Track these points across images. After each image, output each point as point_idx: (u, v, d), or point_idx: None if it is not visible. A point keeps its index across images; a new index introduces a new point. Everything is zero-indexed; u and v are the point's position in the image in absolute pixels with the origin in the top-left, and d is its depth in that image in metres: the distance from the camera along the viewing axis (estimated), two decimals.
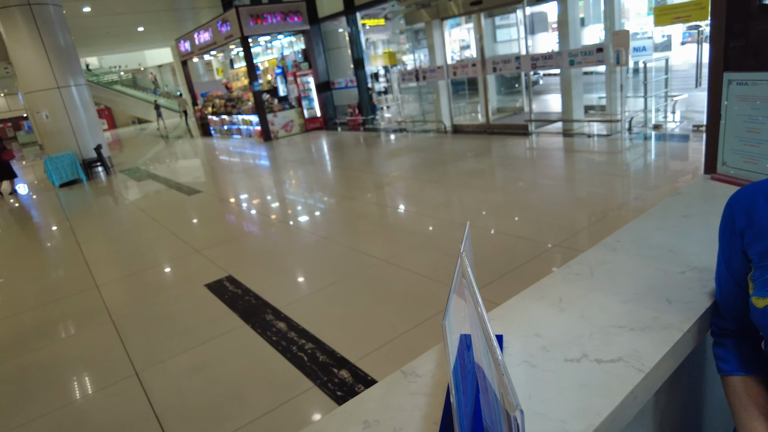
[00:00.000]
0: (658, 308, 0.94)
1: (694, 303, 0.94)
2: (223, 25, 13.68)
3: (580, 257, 1.19)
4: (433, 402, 0.78)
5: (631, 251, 1.19)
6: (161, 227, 6.40)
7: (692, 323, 0.88)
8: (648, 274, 1.07)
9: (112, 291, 4.48)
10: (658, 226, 1.31)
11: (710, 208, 1.43)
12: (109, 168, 12.02)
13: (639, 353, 0.82)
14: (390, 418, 0.75)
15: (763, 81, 1.39)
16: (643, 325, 0.89)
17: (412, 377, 0.85)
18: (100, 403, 2.81)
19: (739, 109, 1.49)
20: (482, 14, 9.37)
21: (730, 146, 1.56)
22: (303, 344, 3.09)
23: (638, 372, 0.78)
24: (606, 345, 0.85)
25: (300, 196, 7.24)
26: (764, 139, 1.43)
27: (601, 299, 1.00)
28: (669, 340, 0.84)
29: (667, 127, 7.47)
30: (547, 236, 4.16)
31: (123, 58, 30.71)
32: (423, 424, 0.73)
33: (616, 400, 0.73)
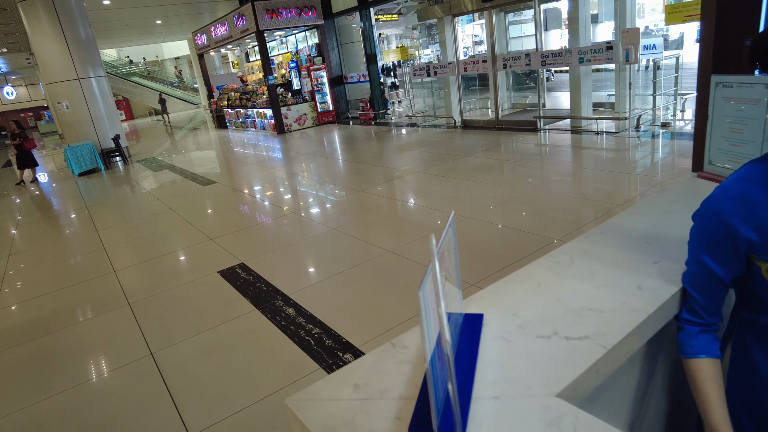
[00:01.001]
0: (628, 293, 1.03)
1: (662, 290, 1.03)
2: (239, 19, 13.82)
3: (563, 247, 1.28)
4: (416, 369, 0.88)
5: (611, 242, 1.28)
6: (177, 216, 6.57)
7: (657, 307, 0.97)
8: (623, 263, 1.15)
9: (128, 276, 4.65)
10: (640, 220, 1.39)
11: (693, 204, 1.50)
12: (127, 158, 12.28)
13: (604, 332, 0.91)
14: (378, 382, 0.86)
15: (747, 84, 1.46)
16: (612, 308, 0.98)
17: (401, 348, 0.95)
18: (116, 381, 2.96)
19: (725, 110, 1.55)
20: (494, 11, 9.38)
21: (716, 146, 1.63)
22: (310, 329, 3.21)
23: (602, 348, 0.87)
24: (576, 324, 0.94)
25: (311, 188, 7.36)
26: (748, 140, 1.50)
27: (578, 284, 1.09)
28: (633, 322, 0.93)
29: (675, 125, 7.45)
30: (552, 231, 4.23)
31: (141, 50, 31.11)
32: (407, 387, 0.83)
33: (578, 371, 0.82)
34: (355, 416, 0.78)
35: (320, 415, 0.79)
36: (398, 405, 0.79)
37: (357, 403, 0.81)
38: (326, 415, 0.79)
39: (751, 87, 1.46)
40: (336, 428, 0.76)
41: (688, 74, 8.22)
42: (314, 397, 0.84)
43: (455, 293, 0.96)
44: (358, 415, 0.78)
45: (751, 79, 1.46)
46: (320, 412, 0.80)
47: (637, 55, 6.72)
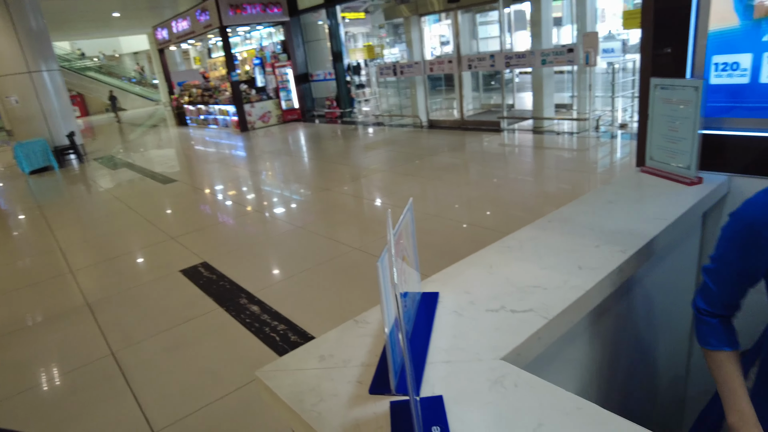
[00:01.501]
0: (570, 273, 1.13)
1: (600, 269, 1.13)
2: (202, 14, 13.58)
3: (513, 234, 1.38)
4: (377, 341, 0.95)
5: (557, 230, 1.38)
6: (136, 215, 6.43)
7: (595, 284, 1.08)
8: (567, 248, 1.26)
9: (87, 276, 4.54)
10: (585, 210, 1.51)
11: (634, 195, 1.63)
12: (83, 155, 11.87)
13: (546, 306, 1.01)
14: (341, 353, 0.92)
15: (679, 86, 1.60)
16: (555, 286, 1.08)
17: (363, 324, 1.02)
18: (77, 381, 2.91)
19: (663, 110, 1.70)
20: (460, 12, 9.57)
21: (655, 143, 1.77)
22: (275, 325, 3.24)
23: (543, 319, 0.96)
24: (521, 300, 1.04)
25: (276, 186, 7.34)
26: (682, 137, 1.64)
27: (525, 266, 1.19)
28: (573, 297, 1.03)
29: (632, 126, 7.80)
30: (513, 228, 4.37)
31: (98, 43, 30.00)
32: (368, 356, 0.90)
33: (522, 338, 0.91)
34: (321, 382, 0.84)
35: (288, 383, 0.85)
36: (360, 371, 0.86)
37: (322, 371, 0.87)
38: (294, 383, 0.85)
39: (682, 89, 1.60)
40: (303, 393, 0.82)
41: None
42: (282, 368, 0.90)
43: (413, 274, 1.04)
44: (323, 382, 0.84)
45: (683, 82, 1.61)
46: (288, 381, 0.86)
47: (597, 58, 7.01)
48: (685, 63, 1.64)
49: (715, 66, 1.60)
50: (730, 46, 1.55)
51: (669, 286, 1.61)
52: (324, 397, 0.80)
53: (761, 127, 1.55)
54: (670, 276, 1.59)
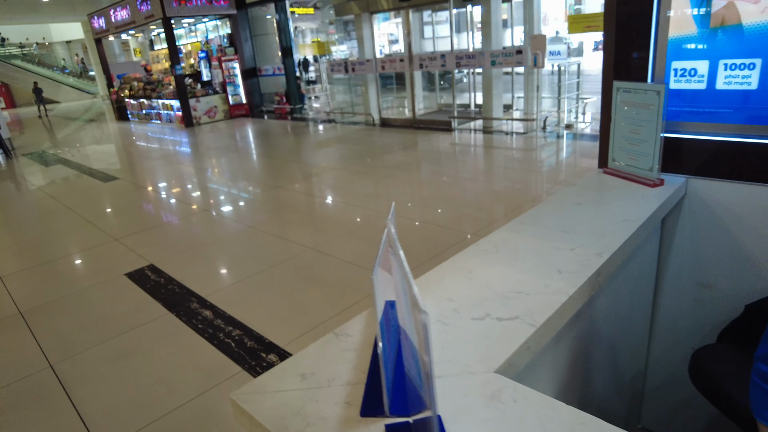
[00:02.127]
0: (550, 277, 1.12)
1: (579, 273, 1.13)
2: (143, 4, 12.92)
3: (487, 237, 1.36)
4: (362, 356, 0.89)
5: (530, 232, 1.38)
6: (74, 215, 6.02)
7: (576, 289, 1.07)
8: (543, 251, 1.25)
9: (18, 282, 4.20)
10: (554, 212, 1.51)
11: (599, 197, 1.66)
12: (10, 151, 11.02)
13: (532, 312, 0.99)
14: (324, 370, 0.86)
15: (641, 90, 1.64)
16: (536, 291, 1.07)
17: (344, 337, 0.96)
18: (11, 397, 2.67)
19: (625, 113, 1.73)
20: (411, 10, 9.60)
21: (618, 145, 1.81)
22: (230, 331, 3.11)
23: (531, 327, 0.94)
24: (505, 306, 1.01)
25: (224, 184, 7.09)
26: (643, 139, 1.68)
27: (504, 270, 1.17)
28: (557, 302, 1.02)
29: (577, 127, 8.11)
30: (466, 226, 4.43)
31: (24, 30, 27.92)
32: (354, 374, 0.85)
33: (512, 348, 0.89)
34: (305, 404, 0.78)
35: (269, 407, 0.78)
36: (347, 390, 0.80)
37: (305, 392, 0.81)
38: (275, 406, 0.78)
39: (645, 93, 1.64)
40: (286, 417, 0.75)
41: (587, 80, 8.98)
42: (260, 390, 0.83)
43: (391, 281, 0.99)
44: (308, 403, 0.78)
45: (645, 86, 1.64)
46: (268, 404, 0.79)
47: (544, 60, 7.21)
48: (646, 67, 1.68)
49: (674, 71, 1.64)
50: (688, 52, 1.60)
51: (630, 287, 1.65)
52: (311, 421, 0.74)
53: (716, 131, 1.62)
54: (630, 277, 1.62)
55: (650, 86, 1.61)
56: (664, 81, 1.66)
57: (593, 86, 11.51)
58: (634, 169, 1.75)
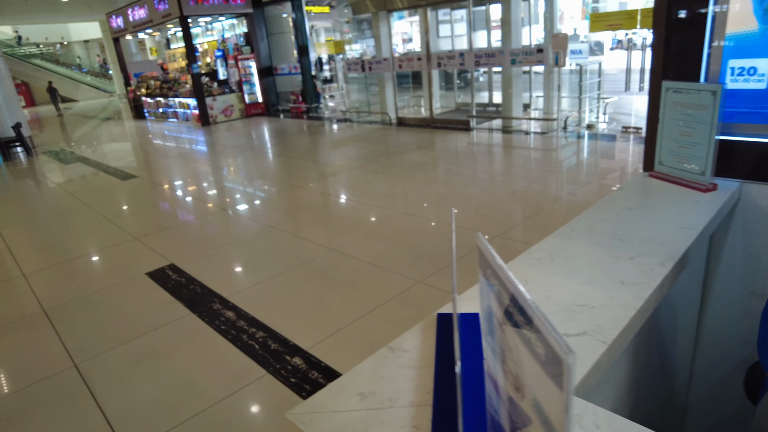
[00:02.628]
0: (613, 289, 1.05)
1: (644, 284, 1.06)
2: (160, 3, 13.00)
3: (539, 244, 1.29)
4: (422, 374, 0.84)
5: (584, 239, 1.31)
6: (94, 213, 6.05)
7: (643, 302, 1.00)
8: (601, 260, 1.18)
9: (42, 280, 4.21)
10: (606, 218, 1.44)
11: (650, 202, 1.58)
12: (31, 149, 11.15)
13: (601, 328, 0.92)
14: (384, 389, 0.81)
15: (695, 90, 1.56)
16: (601, 304, 1.00)
17: (400, 352, 0.91)
18: (36, 396, 2.66)
19: (675, 114, 1.65)
20: (428, 8, 9.52)
21: (666, 147, 1.73)
22: (253, 333, 3.07)
23: (602, 344, 0.88)
24: (571, 321, 0.95)
25: (242, 183, 7.08)
26: (695, 142, 1.60)
27: (563, 281, 1.10)
28: (626, 316, 0.95)
29: (598, 128, 7.97)
30: (488, 228, 4.35)
31: (44, 29, 28.30)
32: (416, 394, 0.79)
33: (585, 368, 0.82)
34: (369, 427, 0.73)
35: (330, 429, 0.73)
36: (412, 413, 0.75)
37: (366, 413, 0.76)
38: (337, 428, 0.73)
39: (698, 93, 1.56)
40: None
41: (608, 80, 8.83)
42: (318, 410, 0.78)
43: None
44: (372, 426, 0.73)
45: (699, 86, 1.56)
46: (329, 425, 0.74)
47: (566, 59, 7.09)
48: (699, 66, 1.60)
49: (731, 70, 1.56)
50: (748, 50, 1.52)
51: (678, 296, 1.57)
52: None
53: None
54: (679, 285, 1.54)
55: (705, 86, 1.53)
56: (720, 80, 1.58)
57: (612, 86, 11.34)
58: (684, 173, 1.67)
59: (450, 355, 0.85)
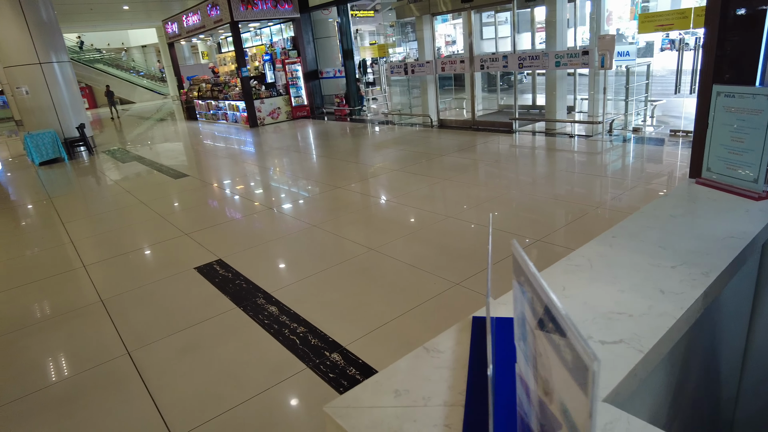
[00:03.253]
0: (652, 297, 1.04)
1: (684, 294, 1.04)
2: (212, 9, 13.49)
3: (579, 250, 1.29)
4: (456, 375, 0.86)
5: (625, 246, 1.29)
6: (148, 209, 6.36)
7: (684, 312, 0.99)
8: (642, 267, 1.17)
9: (100, 271, 4.48)
10: (649, 225, 1.42)
11: (696, 209, 1.54)
12: (92, 148, 11.82)
13: (638, 336, 0.92)
14: (418, 388, 0.84)
15: (749, 95, 1.50)
16: (640, 312, 0.99)
17: (435, 353, 0.93)
18: (92, 381, 2.84)
19: (726, 119, 1.60)
20: (472, 11, 9.46)
21: (715, 153, 1.67)
22: (295, 328, 3.16)
23: (638, 353, 0.88)
24: (608, 328, 0.95)
25: (287, 183, 7.26)
26: (747, 149, 1.55)
27: (601, 288, 1.10)
28: (664, 326, 0.94)
29: (645, 131, 7.69)
30: (529, 231, 4.29)
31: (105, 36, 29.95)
32: (450, 394, 0.81)
33: (620, 376, 0.83)
34: (403, 424, 0.76)
35: (365, 423, 0.77)
36: (445, 412, 0.77)
37: (401, 410, 0.79)
38: (372, 423, 0.76)
39: (753, 98, 1.50)
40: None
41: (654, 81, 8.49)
42: (354, 404, 0.81)
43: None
44: (406, 423, 0.76)
45: (754, 90, 1.51)
46: (365, 420, 0.77)
47: (612, 61, 6.89)
48: (755, 70, 1.54)
49: None
50: None
51: (728, 307, 1.52)
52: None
53: None
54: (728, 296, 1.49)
55: (761, 90, 1.48)
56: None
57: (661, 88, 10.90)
58: (735, 180, 1.61)
59: (484, 358, 0.87)
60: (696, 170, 1.78)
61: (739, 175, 1.60)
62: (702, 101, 1.70)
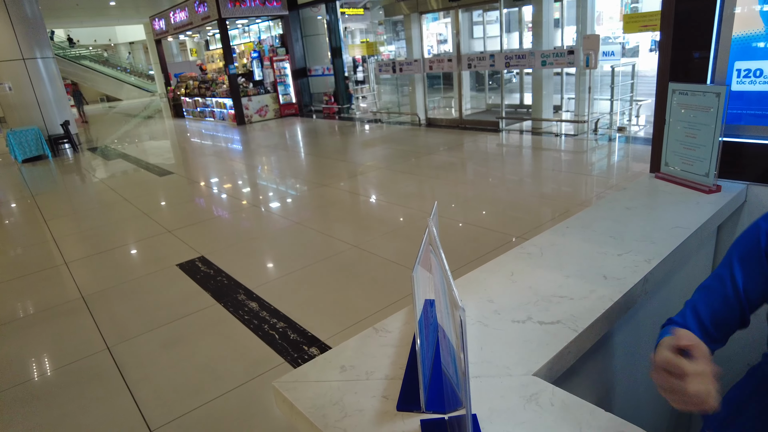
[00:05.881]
0: (595, 282, 1.10)
1: (626, 279, 1.10)
2: (200, 6, 13.43)
3: (532, 239, 1.34)
4: (400, 352, 0.91)
5: (577, 236, 1.35)
6: (132, 207, 6.35)
7: (622, 295, 1.04)
8: (590, 255, 1.23)
9: (82, 268, 4.47)
10: (604, 216, 1.48)
11: (651, 202, 1.60)
12: (77, 145, 11.73)
13: (575, 317, 0.97)
14: (363, 364, 0.88)
15: (700, 92, 1.57)
16: (581, 296, 1.05)
17: (383, 332, 0.98)
18: (71, 377, 2.85)
19: (680, 115, 1.67)
20: (460, 10, 9.52)
21: (672, 149, 1.74)
22: (274, 323, 3.19)
23: (572, 332, 0.93)
24: (548, 310, 1.00)
25: (273, 181, 7.27)
26: (699, 144, 1.61)
27: (548, 274, 1.15)
28: (601, 308, 1.00)
29: (630, 130, 7.81)
30: (512, 229, 4.36)
31: (93, 32, 29.64)
32: (392, 368, 0.86)
33: (552, 352, 0.88)
34: (344, 396, 0.80)
35: (309, 396, 0.81)
36: (384, 384, 0.82)
37: (344, 383, 0.83)
38: (315, 396, 0.81)
39: (703, 95, 1.57)
40: (325, 407, 0.78)
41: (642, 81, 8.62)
42: (301, 379, 0.86)
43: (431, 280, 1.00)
44: (347, 395, 0.80)
45: (704, 88, 1.58)
46: (309, 393, 0.82)
47: (597, 61, 6.99)
48: (706, 68, 1.61)
49: (737, 72, 1.57)
50: (754, 52, 1.52)
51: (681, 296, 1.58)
52: (348, 413, 0.76)
53: None
54: (681, 285, 1.56)
55: (710, 88, 1.54)
56: (726, 82, 1.59)
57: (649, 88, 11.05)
58: (689, 174, 1.68)
59: None
60: (656, 165, 1.84)
61: (693, 170, 1.66)
62: (659, 99, 1.76)
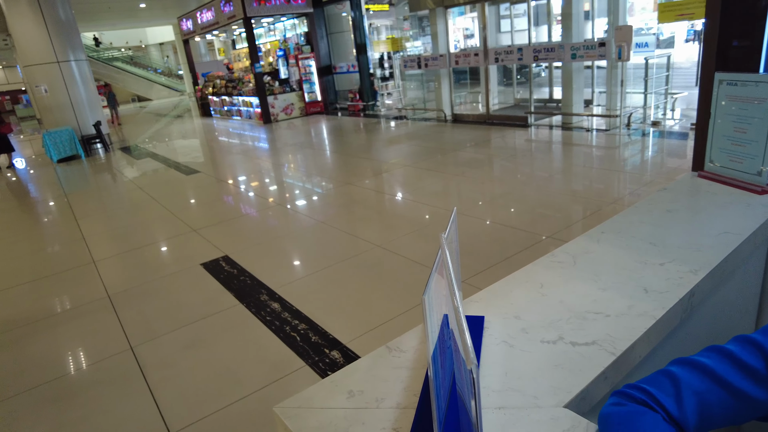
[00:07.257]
0: (634, 297, 0.98)
1: (670, 293, 0.98)
2: (226, 5, 13.56)
3: (564, 246, 1.23)
4: (414, 375, 0.82)
5: (613, 242, 1.23)
6: (159, 206, 6.43)
7: (665, 312, 0.93)
8: (628, 265, 1.11)
9: (108, 267, 4.53)
10: (642, 220, 1.35)
11: (695, 204, 1.47)
12: (108, 145, 12.01)
13: (612, 338, 0.86)
14: (373, 389, 0.80)
15: (752, 82, 1.42)
16: (618, 312, 0.94)
17: (397, 352, 0.89)
18: (94, 376, 2.87)
19: (729, 108, 1.52)
20: (486, 4, 9.32)
21: (718, 145, 1.59)
22: (296, 324, 3.14)
23: (610, 355, 0.82)
24: (582, 329, 0.90)
25: (299, 180, 7.26)
26: (751, 139, 1.47)
27: (581, 286, 1.04)
28: (642, 327, 0.89)
29: (665, 124, 7.49)
30: (541, 228, 4.20)
31: (124, 34, 30.40)
32: (404, 395, 0.78)
33: (587, 379, 0.78)
34: (350, 427, 0.72)
35: (312, 425, 0.73)
36: (395, 415, 0.74)
37: (351, 412, 0.75)
38: (319, 425, 0.73)
39: (755, 85, 1.42)
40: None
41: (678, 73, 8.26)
42: (305, 405, 0.78)
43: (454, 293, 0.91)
44: (353, 426, 0.72)
45: (757, 77, 1.43)
46: (312, 422, 0.74)
47: (630, 53, 6.72)
48: (758, 56, 1.46)
49: None
50: None
51: (730, 308, 1.44)
52: None
53: None
54: (730, 297, 1.42)
55: (763, 77, 1.40)
56: None
57: (684, 80, 10.61)
58: (738, 173, 1.53)
59: None
60: (699, 163, 1.70)
61: (742, 168, 1.51)
62: (704, 91, 1.62)
